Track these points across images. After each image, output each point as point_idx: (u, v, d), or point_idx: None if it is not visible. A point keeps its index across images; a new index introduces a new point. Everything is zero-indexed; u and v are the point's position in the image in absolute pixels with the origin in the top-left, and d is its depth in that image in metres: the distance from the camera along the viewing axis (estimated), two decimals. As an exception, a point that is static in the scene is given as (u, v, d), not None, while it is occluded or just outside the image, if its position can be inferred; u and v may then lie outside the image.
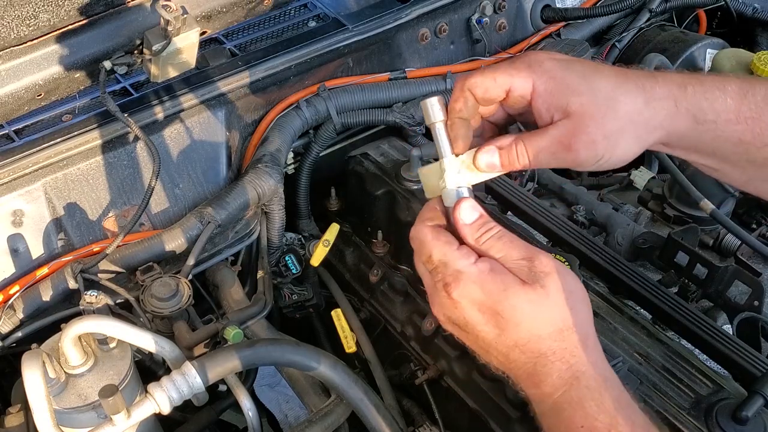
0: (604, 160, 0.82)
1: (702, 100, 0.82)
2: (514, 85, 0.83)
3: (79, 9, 1.40)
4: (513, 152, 0.83)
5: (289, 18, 1.81)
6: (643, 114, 0.82)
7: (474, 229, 0.83)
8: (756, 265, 1.47)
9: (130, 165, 1.52)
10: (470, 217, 0.84)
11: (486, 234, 0.83)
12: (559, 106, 0.81)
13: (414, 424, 1.51)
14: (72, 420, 1.14)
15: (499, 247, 0.82)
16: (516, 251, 0.81)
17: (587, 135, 0.80)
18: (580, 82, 0.82)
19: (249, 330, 1.42)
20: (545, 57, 0.84)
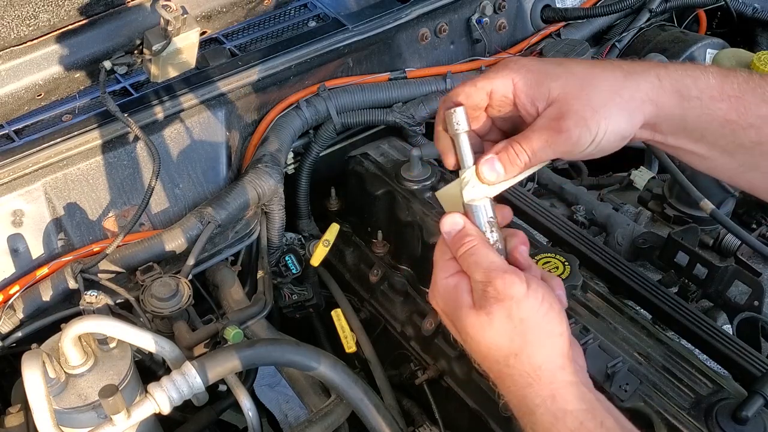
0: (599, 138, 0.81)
1: (685, 77, 0.82)
2: (495, 87, 0.84)
3: (79, 9, 1.40)
4: (511, 152, 0.83)
5: (289, 18, 1.81)
6: (625, 86, 0.82)
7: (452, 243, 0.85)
8: (756, 265, 1.47)
9: (130, 165, 1.52)
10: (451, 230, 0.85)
11: (461, 248, 0.84)
12: (542, 95, 0.82)
13: (414, 424, 1.51)
14: (72, 420, 1.14)
15: (467, 265, 0.83)
16: (478, 273, 0.81)
17: (575, 113, 0.80)
18: (557, 68, 0.83)
19: (249, 330, 1.42)
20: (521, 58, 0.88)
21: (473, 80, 0.85)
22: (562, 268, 1.26)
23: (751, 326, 1.31)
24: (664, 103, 0.82)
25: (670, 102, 0.82)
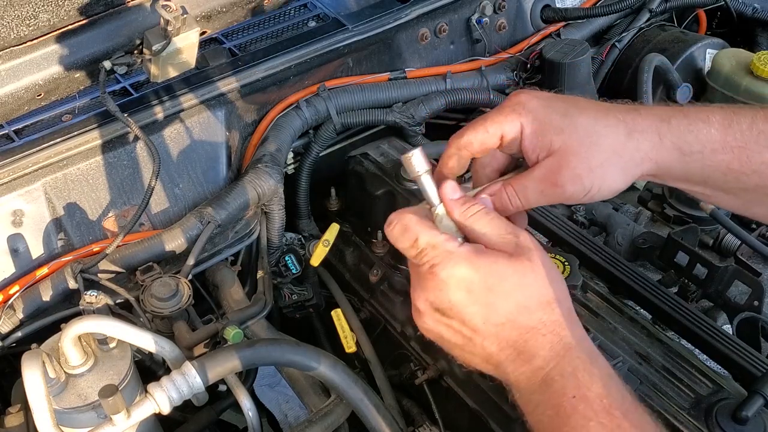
0: (593, 193, 0.84)
1: (686, 133, 0.84)
2: (505, 131, 0.86)
3: (79, 9, 1.40)
4: (504, 197, 0.87)
5: (289, 18, 1.81)
6: (626, 146, 0.84)
7: (460, 203, 0.85)
8: (756, 265, 1.47)
9: (130, 165, 1.52)
10: (455, 194, 0.86)
11: (472, 208, 0.85)
12: (544, 145, 0.84)
13: (414, 424, 1.51)
14: (72, 420, 1.14)
15: (486, 222, 0.83)
16: (502, 226, 0.83)
17: (571, 170, 0.83)
18: (562, 120, 0.84)
19: (249, 330, 1.42)
20: (528, 98, 0.87)
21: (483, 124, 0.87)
22: (562, 268, 1.26)
23: (751, 326, 1.31)
24: (664, 160, 0.85)
25: (670, 158, 0.85)
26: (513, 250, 0.81)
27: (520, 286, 0.80)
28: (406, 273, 1.57)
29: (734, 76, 1.87)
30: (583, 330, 0.83)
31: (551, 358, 0.79)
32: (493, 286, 0.80)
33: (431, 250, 0.83)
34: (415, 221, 0.86)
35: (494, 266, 0.81)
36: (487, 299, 0.80)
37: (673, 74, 1.91)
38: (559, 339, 0.80)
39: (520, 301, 0.80)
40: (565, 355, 0.79)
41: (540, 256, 0.81)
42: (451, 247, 0.82)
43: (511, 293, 0.80)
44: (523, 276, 0.80)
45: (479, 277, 0.80)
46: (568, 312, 0.82)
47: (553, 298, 0.81)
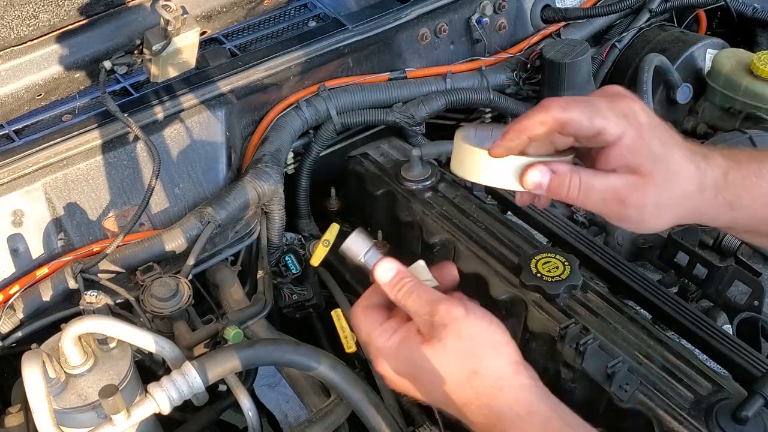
0: (642, 225, 0.85)
1: (739, 187, 0.85)
2: (606, 130, 0.83)
3: (79, 9, 1.40)
4: (567, 181, 0.83)
5: (289, 18, 1.81)
6: (691, 199, 0.84)
7: (390, 288, 0.88)
8: (756, 265, 1.47)
9: (130, 165, 1.52)
10: (385, 277, 0.89)
11: (399, 291, 0.87)
12: (633, 163, 0.82)
13: (414, 424, 1.51)
14: (72, 420, 1.14)
15: (411, 303, 0.86)
16: (421, 307, 0.85)
17: (643, 198, 0.82)
18: (660, 148, 0.83)
19: (249, 330, 1.42)
20: (639, 108, 0.84)
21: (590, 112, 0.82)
22: (562, 268, 1.26)
23: (751, 326, 1.31)
24: (711, 213, 0.86)
25: (717, 211, 0.86)
26: (427, 331, 0.84)
27: (436, 369, 0.82)
28: (406, 273, 1.57)
29: (734, 76, 1.87)
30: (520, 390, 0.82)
31: (488, 426, 0.81)
32: (415, 373, 0.85)
33: (368, 347, 0.89)
34: (360, 318, 0.91)
35: (411, 357, 0.84)
36: (418, 383, 0.86)
37: (673, 74, 1.91)
38: (489, 411, 0.81)
39: (440, 384, 0.83)
40: (496, 423, 0.80)
41: (454, 330, 0.82)
42: (379, 344, 0.87)
43: (431, 377, 0.83)
44: (437, 359, 0.82)
45: (405, 369, 0.86)
46: (495, 380, 0.82)
47: (471, 372, 0.82)
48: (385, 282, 0.89)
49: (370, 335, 0.88)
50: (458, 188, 1.55)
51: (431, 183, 1.56)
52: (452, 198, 1.52)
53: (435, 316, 0.83)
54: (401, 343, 0.86)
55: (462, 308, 0.83)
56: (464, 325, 0.83)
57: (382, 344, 0.87)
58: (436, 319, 0.83)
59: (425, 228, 1.47)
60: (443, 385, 0.83)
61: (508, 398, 0.81)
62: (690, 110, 2.00)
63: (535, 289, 1.26)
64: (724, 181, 0.85)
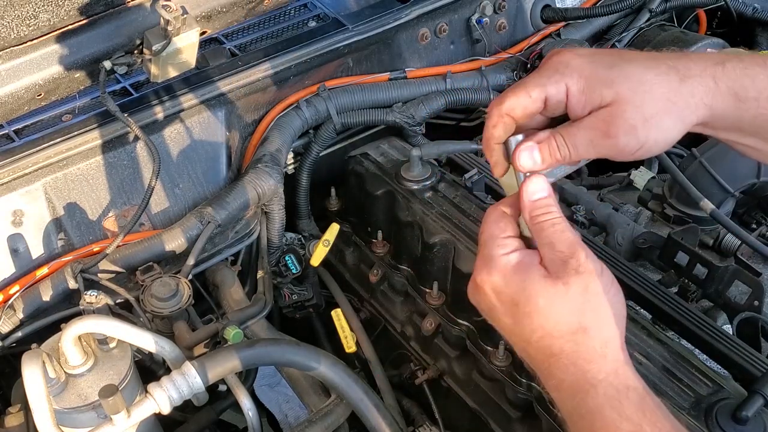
0: (648, 145, 0.80)
1: (743, 77, 0.80)
2: (549, 94, 0.82)
3: (79, 9, 1.40)
4: (552, 144, 0.82)
5: (289, 18, 1.81)
6: (680, 92, 0.80)
7: (533, 207, 0.82)
8: (756, 265, 1.47)
9: (130, 165, 1.52)
10: (535, 195, 0.82)
11: (543, 216, 0.81)
12: (593, 101, 0.80)
13: (414, 424, 1.51)
14: (72, 420, 1.14)
15: (548, 234, 0.80)
16: (561, 243, 0.79)
17: (625, 120, 0.79)
18: (609, 72, 0.81)
19: (249, 330, 1.42)
20: (570, 56, 0.83)
21: (525, 89, 0.82)
22: (562, 268, 1.25)
23: (751, 326, 1.31)
24: (718, 106, 0.81)
25: (725, 104, 0.81)
26: (555, 269, 0.78)
27: (545, 309, 0.77)
28: (406, 273, 1.57)
29: (734, 76, 1.87)
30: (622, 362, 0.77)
31: (575, 391, 0.76)
32: (519, 303, 0.79)
33: (482, 249, 0.83)
34: (491, 217, 0.84)
35: (524, 284, 0.79)
36: (514, 314, 0.79)
37: (673, 74, 1.91)
38: (582, 373, 0.76)
39: (542, 323, 0.77)
40: (589, 390, 0.75)
41: (583, 281, 0.77)
42: (495, 253, 0.81)
43: (534, 315, 0.78)
44: (548, 299, 0.77)
45: (510, 291, 0.79)
46: (602, 344, 0.77)
47: (582, 327, 0.76)
48: (530, 200, 0.82)
49: (490, 241, 0.82)
50: (458, 188, 1.55)
51: (431, 183, 1.56)
52: (452, 198, 1.52)
53: (571, 259, 0.78)
54: (519, 265, 0.80)
55: (600, 265, 0.79)
56: (595, 282, 0.77)
57: (497, 255, 0.81)
58: (571, 262, 0.77)
59: (425, 228, 1.47)
60: (545, 325, 0.77)
61: (607, 367, 0.76)
62: (690, 110, 2.00)
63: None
64: (723, 69, 0.80)
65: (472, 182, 1.55)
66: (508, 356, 1.34)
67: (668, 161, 1.56)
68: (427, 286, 1.50)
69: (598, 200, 1.71)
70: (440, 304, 1.47)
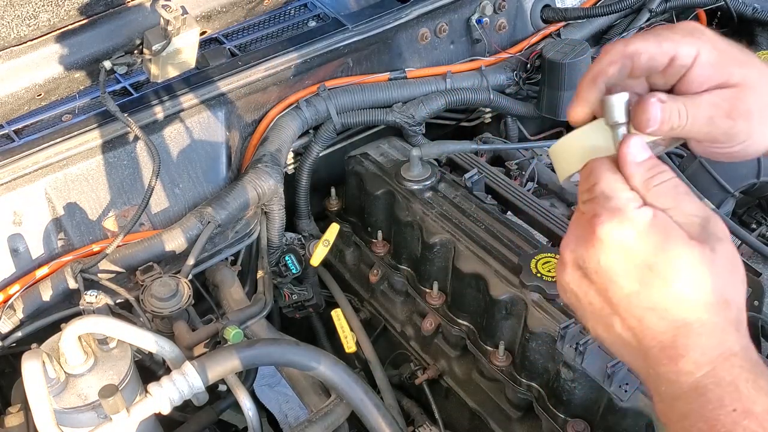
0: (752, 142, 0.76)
1: None
2: (679, 53, 0.74)
3: (79, 9, 1.40)
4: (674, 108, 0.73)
5: (289, 18, 1.81)
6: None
7: (644, 169, 0.71)
8: (756, 265, 1.47)
9: (130, 165, 1.52)
10: (641, 155, 0.72)
11: (658, 177, 0.70)
12: (721, 76, 0.74)
13: (414, 424, 1.51)
14: (72, 420, 1.14)
15: (672, 197, 0.70)
16: (691, 205, 0.70)
17: (746, 104, 0.74)
18: (741, 54, 0.77)
19: (249, 330, 1.42)
20: (702, 26, 0.77)
21: (656, 38, 0.75)
22: (562, 268, 1.25)
23: (751, 326, 1.31)
24: None
25: None
26: (697, 233, 0.68)
27: (689, 274, 0.67)
28: (406, 273, 1.57)
29: (734, 76, 1.87)
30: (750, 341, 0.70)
31: (705, 363, 0.67)
32: (656, 265, 0.68)
33: (603, 200, 0.71)
34: (605, 167, 0.73)
35: (667, 243, 0.68)
36: (642, 277, 0.68)
37: (673, 74, 1.91)
38: (718, 343, 0.67)
39: (682, 291, 0.67)
40: (722, 362, 0.67)
41: (727, 249, 0.69)
42: (625, 205, 0.69)
43: (675, 279, 0.67)
44: (697, 265, 0.67)
45: (644, 250, 0.68)
46: (738, 317, 0.69)
47: (725, 298, 0.68)
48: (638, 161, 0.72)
49: (615, 190, 0.70)
50: (458, 188, 1.55)
51: (431, 183, 1.56)
52: (452, 198, 1.53)
53: (708, 223, 0.69)
54: (657, 222, 0.68)
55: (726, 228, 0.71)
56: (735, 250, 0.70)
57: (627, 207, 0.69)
58: (711, 225, 0.69)
59: (425, 228, 1.47)
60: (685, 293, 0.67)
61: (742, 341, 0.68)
62: (690, 110, 2.00)
63: (535, 289, 1.26)
64: None
65: (472, 182, 1.55)
66: (508, 356, 1.34)
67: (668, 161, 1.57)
68: (427, 286, 1.50)
69: (598, 200, 1.70)
70: (440, 304, 1.48)
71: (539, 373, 1.29)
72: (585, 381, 1.18)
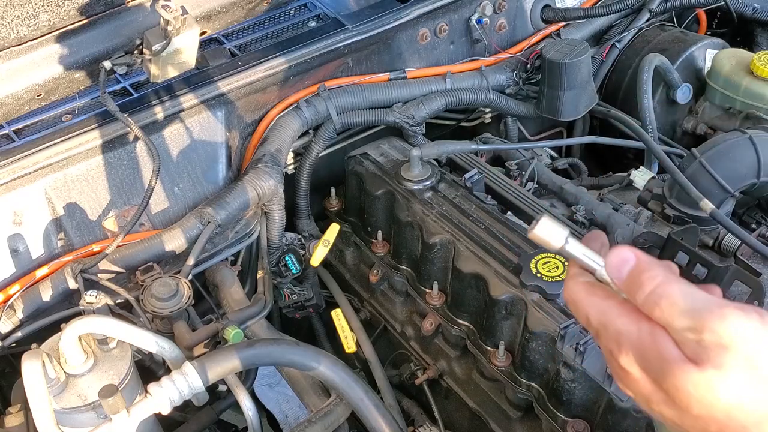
0: None
1: None
2: None
3: (79, 9, 1.40)
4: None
5: (289, 18, 1.81)
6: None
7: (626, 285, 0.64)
8: (756, 265, 1.46)
9: (130, 165, 1.52)
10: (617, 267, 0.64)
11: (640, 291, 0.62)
12: None
13: (414, 424, 1.51)
14: (72, 420, 1.14)
15: (660, 311, 0.60)
16: (679, 318, 0.59)
17: None
18: None
19: (249, 330, 1.42)
20: None
21: None
22: (562, 268, 1.26)
23: (751, 326, 1.31)
24: None
25: None
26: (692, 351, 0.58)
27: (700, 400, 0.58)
28: (406, 273, 1.57)
29: (734, 76, 1.87)
30: None
31: None
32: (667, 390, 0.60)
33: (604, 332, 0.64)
34: (583, 294, 0.66)
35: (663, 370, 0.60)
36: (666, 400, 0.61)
37: (673, 74, 1.91)
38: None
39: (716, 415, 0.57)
40: None
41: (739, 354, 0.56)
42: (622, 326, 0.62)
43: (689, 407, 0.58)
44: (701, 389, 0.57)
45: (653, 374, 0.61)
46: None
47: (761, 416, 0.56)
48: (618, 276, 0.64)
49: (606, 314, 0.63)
50: (458, 188, 1.55)
51: (431, 183, 1.56)
52: (452, 198, 1.53)
53: (704, 335, 0.57)
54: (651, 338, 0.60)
55: (753, 318, 0.56)
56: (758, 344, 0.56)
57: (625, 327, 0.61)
58: (705, 338, 0.57)
59: (425, 228, 1.47)
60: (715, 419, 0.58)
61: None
62: (690, 110, 2.00)
63: (535, 289, 1.26)
64: None
65: (472, 182, 1.55)
66: (508, 356, 1.34)
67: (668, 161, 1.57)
68: (427, 286, 1.50)
69: (598, 200, 1.71)
70: (440, 304, 1.48)
71: (539, 373, 1.29)
72: (585, 381, 1.18)
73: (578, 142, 2.10)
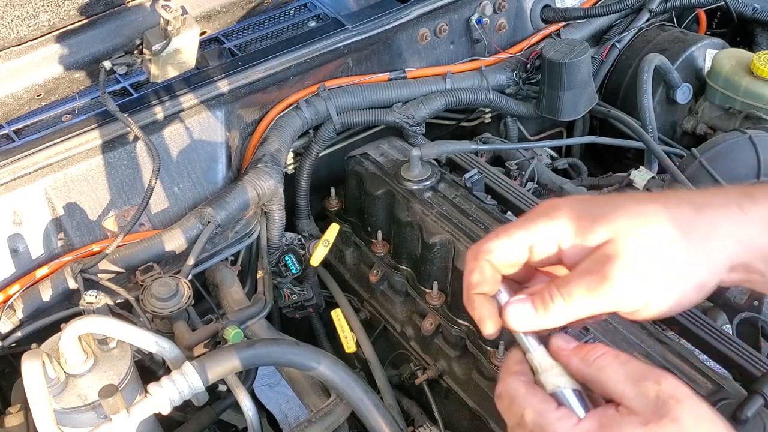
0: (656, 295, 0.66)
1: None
2: (534, 240, 0.69)
3: (79, 9, 1.40)
4: (545, 296, 0.68)
5: (289, 18, 1.81)
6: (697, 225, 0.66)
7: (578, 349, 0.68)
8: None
9: (130, 165, 1.52)
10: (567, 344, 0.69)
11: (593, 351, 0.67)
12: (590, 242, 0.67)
13: (414, 424, 1.51)
14: (72, 420, 1.14)
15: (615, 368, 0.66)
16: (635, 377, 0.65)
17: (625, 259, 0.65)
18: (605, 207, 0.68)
19: (249, 330, 1.42)
20: (560, 201, 0.71)
21: (507, 231, 0.70)
22: (562, 268, 1.26)
23: (751, 326, 1.31)
24: (753, 240, 0.66)
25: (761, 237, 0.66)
26: (647, 409, 0.62)
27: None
28: (406, 273, 1.57)
29: (734, 76, 1.87)
30: None
31: None
32: None
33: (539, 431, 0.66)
34: (522, 391, 0.68)
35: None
36: None
37: (673, 74, 1.91)
38: None
39: None
40: None
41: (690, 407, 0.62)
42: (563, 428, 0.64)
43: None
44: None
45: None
46: None
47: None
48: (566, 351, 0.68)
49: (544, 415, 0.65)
50: (458, 188, 1.55)
51: (431, 183, 1.56)
52: (452, 198, 1.53)
53: (663, 386, 0.63)
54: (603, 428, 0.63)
55: (687, 386, 0.64)
56: (699, 405, 0.63)
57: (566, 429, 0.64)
58: (662, 392, 0.63)
59: (425, 228, 1.47)
60: None
61: None
62: (690, 110, 2.00)
63: (535, 289, 1.26)
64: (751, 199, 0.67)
65: (472, 182, 1.55)
66: (508, 356, 1.34)
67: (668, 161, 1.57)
68: (427, 286, 1.50)
69: (598, 200, 1.71)
70: (440, 304, 1.48)
71: (539, 373, 1.28)
72: (585, 381, 1.18)
73: (578, 142, 2.10)
